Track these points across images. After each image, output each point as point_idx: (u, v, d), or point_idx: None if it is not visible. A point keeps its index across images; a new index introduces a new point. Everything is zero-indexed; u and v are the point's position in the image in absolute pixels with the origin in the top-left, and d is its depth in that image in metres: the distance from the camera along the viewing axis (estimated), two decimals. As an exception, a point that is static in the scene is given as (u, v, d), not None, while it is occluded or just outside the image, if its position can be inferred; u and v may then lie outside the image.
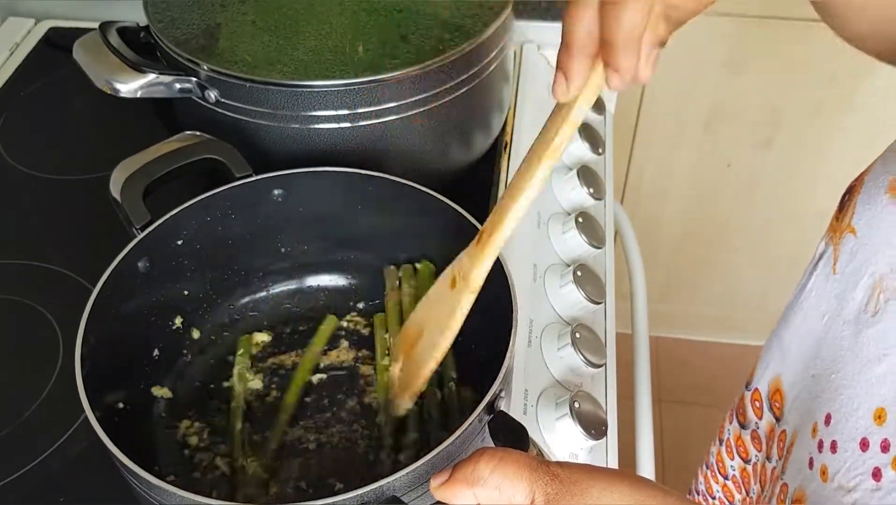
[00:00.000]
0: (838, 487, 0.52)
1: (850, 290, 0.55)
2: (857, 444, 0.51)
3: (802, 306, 0.61)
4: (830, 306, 0.57)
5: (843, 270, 0.57)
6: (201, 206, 0.62)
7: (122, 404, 0.56)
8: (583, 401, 0.62)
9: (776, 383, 0.64)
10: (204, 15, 0.75)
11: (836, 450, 0.53)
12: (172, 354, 0.63)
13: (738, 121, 1.48)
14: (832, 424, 0.54)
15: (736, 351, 1.83)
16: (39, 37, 1.03)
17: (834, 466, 0.53)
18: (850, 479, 0.51)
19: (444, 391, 0.60)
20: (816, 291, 0.60)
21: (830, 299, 0.57)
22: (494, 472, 0.38)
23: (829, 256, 0.59)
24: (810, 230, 1.52)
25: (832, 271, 0.58)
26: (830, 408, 0.54)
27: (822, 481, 0.54)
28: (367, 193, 0.64)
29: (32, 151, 0.89)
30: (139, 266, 0.59)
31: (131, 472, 0.45)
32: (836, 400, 0.54)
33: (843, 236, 0.57)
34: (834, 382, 0.55)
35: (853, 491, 0.51)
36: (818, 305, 0.59)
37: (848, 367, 0.54)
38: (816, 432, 0.55)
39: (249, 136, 0.68)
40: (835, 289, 0.57)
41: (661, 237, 1.67)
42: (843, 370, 0.54)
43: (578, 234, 0.75)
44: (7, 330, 0.72)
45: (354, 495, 0.43)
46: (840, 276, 0.57)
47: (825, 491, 0.53)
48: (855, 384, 0.52)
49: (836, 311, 0.56)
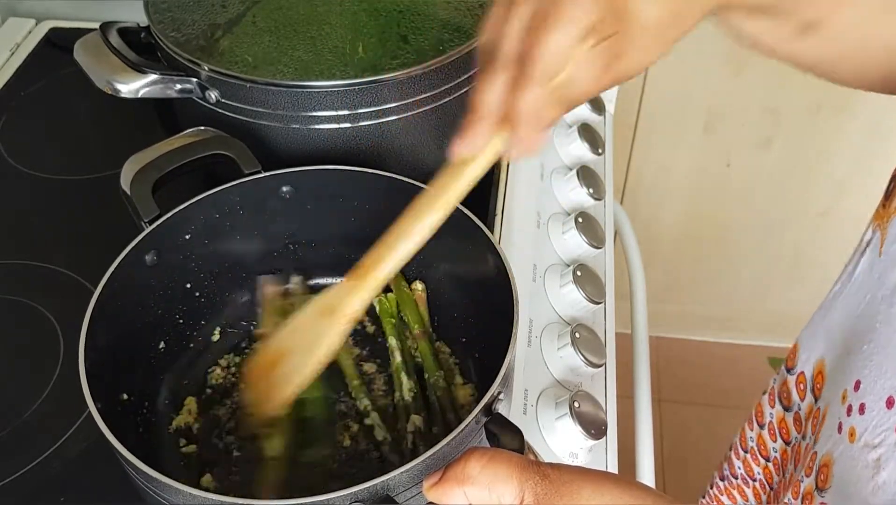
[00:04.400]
0: (864, 445, 0.53)
1: (891, 268, 0.56)
2: (884, 402, 0.51)
3: (850, 291, 0.62)
4: (872, 286, 0.58)
5: (888, 250, 0.57)
6: (210, 202, 0.62)
7: (126, 396, 0.57)
8: (583, 401, 0.62)
9: (820, 366, 0.65)
10: (204, 15, 0.75)
11: (864, 411, 0.53)
12: (178, 347, 0.63)
13: (738, 121, 1.48)
14: (861, 389, 0.54)
15: (736, 351, 1.84)
16: (40, 37, 1.03)
17: (861, 426, 0.53)
18: (875, 436, 0.52)
19: (441, 392, 0.60)
20: (862, 276, 0.61)
21: (874, 280, 0.58)
22: (484, 470, 0.39)
23: (877, 241, 0.59)
24: (810, 230, 1.53)
25: (878, 255, 0.58)
26: (860, 374, 0.55)
27: (849, 442, 0.54)
28: (375, 192, 0.64)
29: (32, 151, 0.89)
30: (146, 259, 0.59)
31: (133, 466, 0.46)
32: (867, 367, 0.54)
33: (890, 220, 0.58)
34: (865, 352, 0.55)
35: (878, 447, 0.51)
36: (862, 287, 0.60)
37: (881, 336, 0.54)
38: (846, 399, 0.56)
39: (250, 137, 0.68)
40: (878, 270, 0.58)
41: (661, 237, 1.67)
42: (876, 340, 0.55)
43: (578, 234, 0.75)
44: (7, 330, 0.72)
45: (348, 493, 0.44)
46: (885, 256, 0.57)
47: (852, 451, 0.54)
48: (885, 350, 0.53)
49: (876, 289, 0.57)
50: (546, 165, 0.83)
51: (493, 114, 0.43)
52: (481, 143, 0.44)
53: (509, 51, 0.42)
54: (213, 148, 0.64)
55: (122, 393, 0.57)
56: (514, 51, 0.42)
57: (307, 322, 0.53)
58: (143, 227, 0.59)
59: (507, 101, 0.42)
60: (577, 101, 0.44)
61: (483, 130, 0.44)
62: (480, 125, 0.43)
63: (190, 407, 0.61)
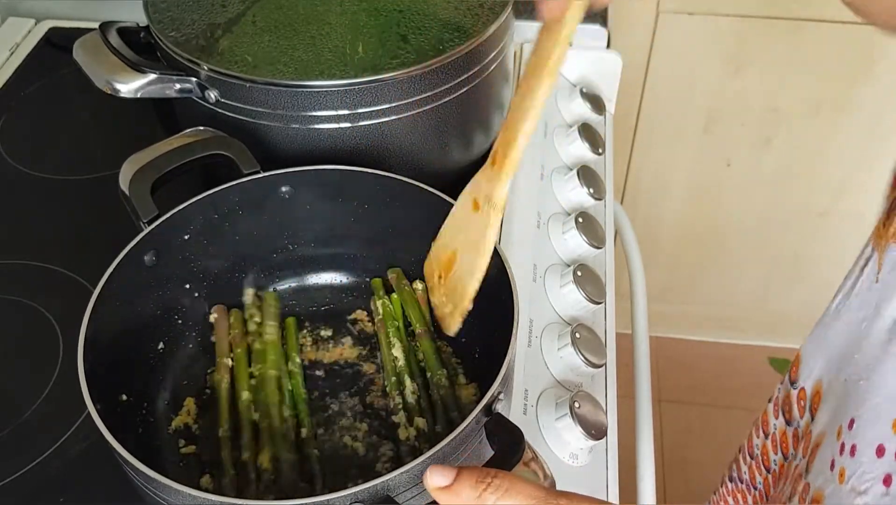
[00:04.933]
0: (851, 489, 0.53)
1: (888, 299, 0.56)
2: (874, 449, 0.51)
3: (848, 308, 0.62)
4: (869, 313, 0.58)
5: (885, 278, 0.57)
6: (209, 202, 0.62)
7: (126, 396, 0.56)
8: (583, 401, 0.62)
9: (818, 386, 0.65)
10: (204, 15, 0.75)
11: (855, 454, 0.54)
12: (178, 347, 0.63)
13: (738, 121, 1.48)
14: (854, 429, 0.54)
15: (736, 351, 1.84)
16: (39, 37, 1.03)
17: (850, 469, 0.53)
18: (862, 482, 0.52)
19: (442, 392, 0.60)
20: (860, 297, 0.61)
21: (871, 306, 0.58)
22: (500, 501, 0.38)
23: (875, 262, 0.59)
24: (810, 230, 1.53)
25: (875, 280, 0.58)
26: (855, 413, 0.55)
27: (839, 483, 0.55)
28: (374, 192, 0.64)
29: (32, 151, 0.89)
30: (145, 259, 0.59)
31: (133, 467, 0.46)
32: (862, 406, 0.54)
33: (887, 246, 0.58)
34: (862, 388, 0.55)
35: (864, 494, 0.51)
36: (859, 311, 0.60)
37: (876, 375, 0.54)
38: (840, 435, 0.56)
39: (249, 137, 0.68)
40: (875, 297, 0.58)
41: (661, 237, 1.67)
42: (872, 378, 0.55)
43: (578, 234, 0.75)
44: (7, 330, 0.72)
45: (348, 493, 0.44)
46: (881, 285, 0.58)
47: (840, 493, 0.54)
48: (881, 393, 0.53)
49: (873, 318, 0.57)
50: (546, 165, 0.83)
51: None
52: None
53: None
54: (212, 148, 0.64)
55: (122, 393, 0.56)
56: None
57: (465, 219, 0.55)
58: (142, 228, 0.59)
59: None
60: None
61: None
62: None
63: (189, 408, 0.61)
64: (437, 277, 0.59)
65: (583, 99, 0.91)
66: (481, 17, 0.73)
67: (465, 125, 0.76)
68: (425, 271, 0.61)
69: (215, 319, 0.65)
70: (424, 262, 0.61)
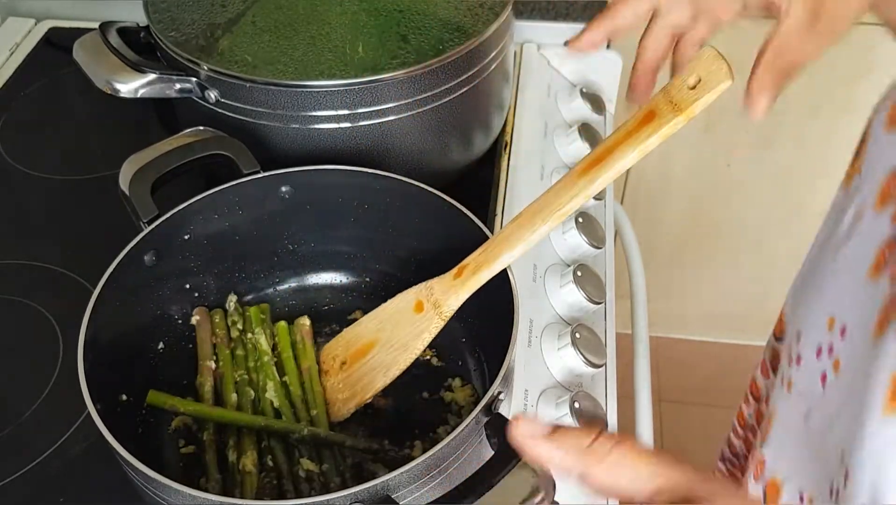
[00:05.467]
0: (798, 394, 0.55)
1: (841, 217, 0.58)
2: (814, 352, 0.53)
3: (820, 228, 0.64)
4: (827, 236, 0.61)
5: (851, 185, 0.59)
6: (209, 202, 0.62)
7: (126, 396, 0.56)
8: (583, 401, 0.62)
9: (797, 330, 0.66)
10: (204, 15, 0.75)
11: (801, 362, 0.55)
12: (177, 347, 0.63)
13: (738, 120, 1.48)
14: (801, 341, 0.56)
15: (736, 351, 1.83)
16: (39, 37, 1.03)
17: (796, 377, 0.56)
18: (805, 385, 0.54)
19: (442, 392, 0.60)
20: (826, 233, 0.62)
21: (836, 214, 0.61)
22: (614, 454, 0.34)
23: (841, 199, 0.61)
24: (810, 230, 1.52)
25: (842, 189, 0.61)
26: (802, 325, 0.57)
27: (786, 392, 0.57)
28: (374, 192, 0.64)
29: (32, 151, 0.89)
30: (145, 259, 0.59)
31: (132, 467, 0.46)
32: (808, 317, 0.56)
33: (852, 177, 0.60)
34: (809, 297, 0.58)
35: (806, 396, 0.53)
36: (828, 221, 0.62)
37: (824, 282, 0.56)
38: (792, 351, 0.58)
39: (249, 136, 0.68)
40: (839, 205, 0.60)
41: (661, 237, 1.67)
42: (821, 285, 0.57)
43: (578, 234, 0.75)
44: (7, 330, 0.72)
45: (348, 494, 0.44)
46: (849, 190, 0.60)
47: (788, 401, 0.56)
48: (823, 296, 0.55)
49: (834, 224, 0.59)
50: (546, 165, 0.83)
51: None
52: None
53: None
54: (212, 148, 0.64)
55: (122, 393, 0.56)
56: None
57: (400, 316, 0.53)
58: (142, 228, 0.59)
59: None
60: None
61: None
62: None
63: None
64: (339, 362, 0.57)
65: (583, 99, 0.91)
66: (481, 17, 0.73)
67: (465, 125, 0.76)
68: (324, 353, 0.60)
69: (197, 322, 0.64)
70: (325, 345, 0.59)
